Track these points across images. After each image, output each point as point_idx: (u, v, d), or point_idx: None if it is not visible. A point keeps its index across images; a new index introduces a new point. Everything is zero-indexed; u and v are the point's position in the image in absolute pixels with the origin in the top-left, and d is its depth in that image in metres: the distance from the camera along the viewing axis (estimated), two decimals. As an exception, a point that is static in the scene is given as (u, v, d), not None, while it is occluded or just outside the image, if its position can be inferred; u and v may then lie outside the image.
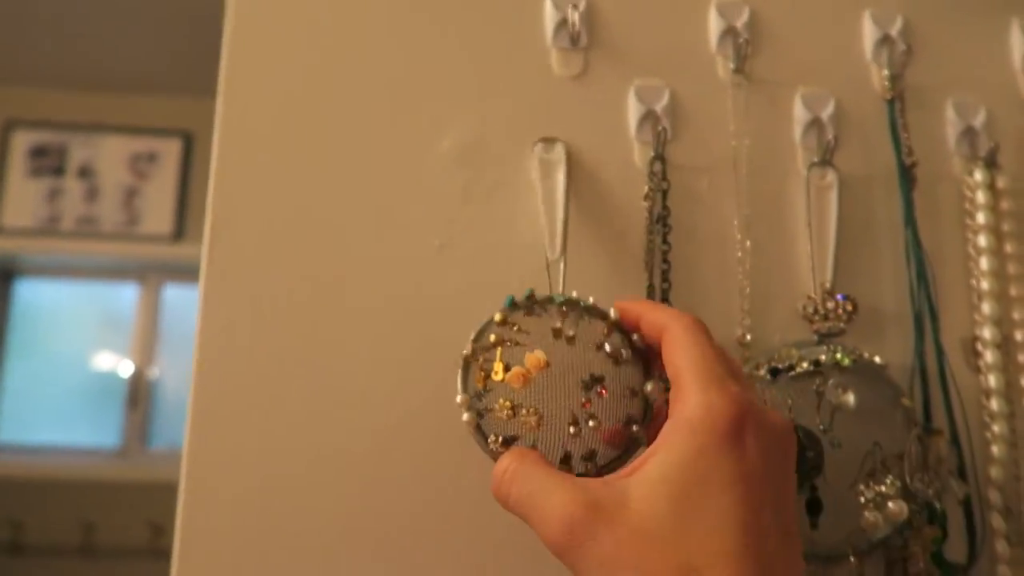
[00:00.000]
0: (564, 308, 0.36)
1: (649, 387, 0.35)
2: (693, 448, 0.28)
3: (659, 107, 0.45)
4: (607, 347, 0.35)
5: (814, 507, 0.38)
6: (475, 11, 0.45)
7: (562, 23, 0.45)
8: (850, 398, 0.39)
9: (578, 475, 0.33)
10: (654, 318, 0.34)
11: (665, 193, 0.44)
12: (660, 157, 0.44)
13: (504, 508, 0.32)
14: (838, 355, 0.41)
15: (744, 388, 0.30)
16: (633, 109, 0.45)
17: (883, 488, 0.37)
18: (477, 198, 0.43)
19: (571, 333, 0.35)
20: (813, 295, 0.43)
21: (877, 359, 0.42)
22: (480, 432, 0.34)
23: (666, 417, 0.30)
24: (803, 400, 0.40)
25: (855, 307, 0.43)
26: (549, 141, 0.43)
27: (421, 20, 0.45)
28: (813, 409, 0.40)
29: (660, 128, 0.43)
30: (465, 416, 0.34)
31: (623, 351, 0.35)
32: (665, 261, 0.43)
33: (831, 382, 0.39)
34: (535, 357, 0.34)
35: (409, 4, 0.45)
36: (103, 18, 1.78)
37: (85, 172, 2.10)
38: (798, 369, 0.40)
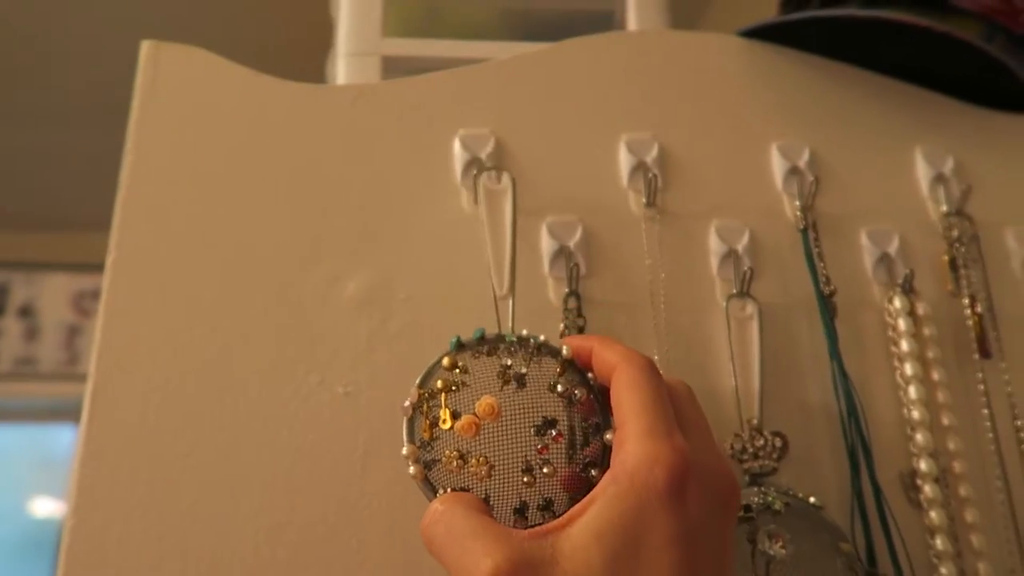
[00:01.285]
0: (513, 347, 0.34)
1: (608, 436, 0.32)
2: (631, 504, 0.26)
3: (572, 243, 0.44)
4: (559, 387, 0.33)
5: None
6: (384, 151, 0.45)
7: (471, 162, 0.44)
8: (783, 547, 0.36)
9: (532, 526, 0.31)
10: (605, 356, 0.32)
11: (582, 330, 0.42)
12: (575, 293, 0.43)
13: (429, 552, 0.29)
14: (769, 498, 0.38)
15: (693, 438, 0.29)
16: (546, 245, 0.44)
17: None
18: (383, 343, 0.41)
19: (522, 371, 0.33)
20: (741, 432, 0.41)
21: (812, 500, 0.40)
22: (429, 485, 0.32)
23: None
24: (735, 550, 0.37)
25: (785, 444, 0.41)
26: (496, 170, 0.43)
27: (328, 160, 0.45)
28: (747, 559, 0.37)
29: (573, 264, 0.42)
30: (412, 469, 0.32)
31: (577, 391, 0.33)
32: (584, 402, 0.41)
33: (763, 530, 0.36)
34: (486, 403, 0.32)
35: (314, 144, 0.45)
36: (42, 157, 1.79)
37: (26, 311, 2.05)
38: (728, 516, 0.37)
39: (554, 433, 0.32)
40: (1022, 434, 0.44)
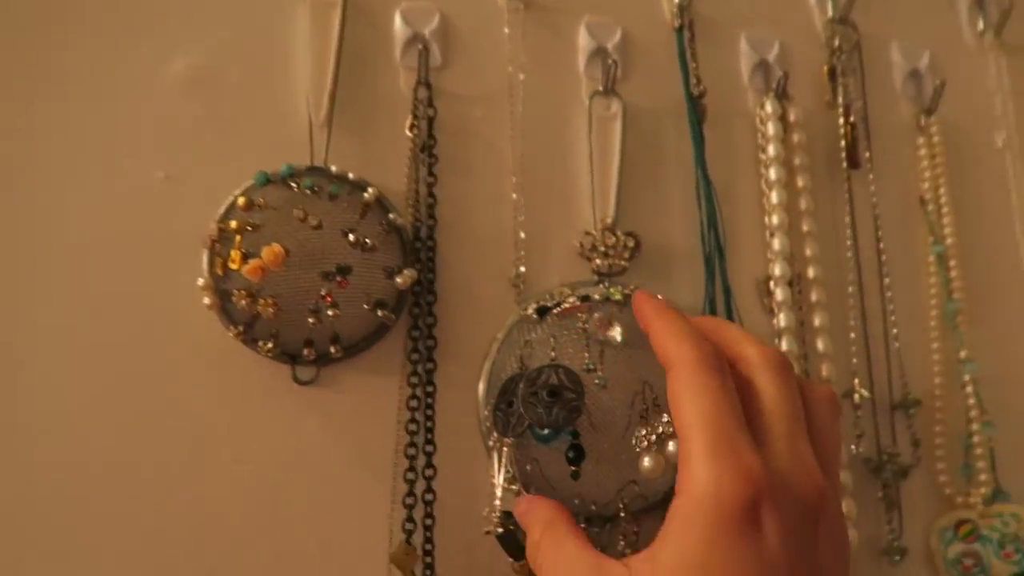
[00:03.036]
0: (317, 186, 0.35)
1: (399, 279, 0.35)
2: (704, 536, 0.24)
3: (427, 30, 0.40)
4: (351, 236, 0.34)
5: (576, 455, 0.34)
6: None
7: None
8: (616, 332, 0.35)
9: (319, 356, 0.35)
10: (665, 345, 0.28)
11: (431, 121, 0.40)
12: (425, 83, 0.40)
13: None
14: (610, 290, 0.37)
15: (776, 439, 0.26)
16: (399, 32, 0.40)
17: (660, 428, 0.34)
18: (211, 128, 0.38)
19: (314, 223, 0.34)
20: (592, 231, 0.40)
21: (660, 298, 0.39)
22: (225, 314, 0.35)
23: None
24: (569, 337, 0.36)
25: (638, 244, 0.40)
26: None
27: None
28: (582, 347, 0.36)
29: (421, 47, 0.39)
30: (206, 300, 0.34)
31: (369, 240, 0.35)
32: (431, 195, 0.39)
33: (596, 315, 0.36)
34: (272, 250, 0.33)
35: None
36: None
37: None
38: (565, 305, 0.36)
39: (339, 279, 0.34)
40: (882, 244, 0.44)
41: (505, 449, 0.35)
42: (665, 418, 0.34)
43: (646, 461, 0.32)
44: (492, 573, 0.37)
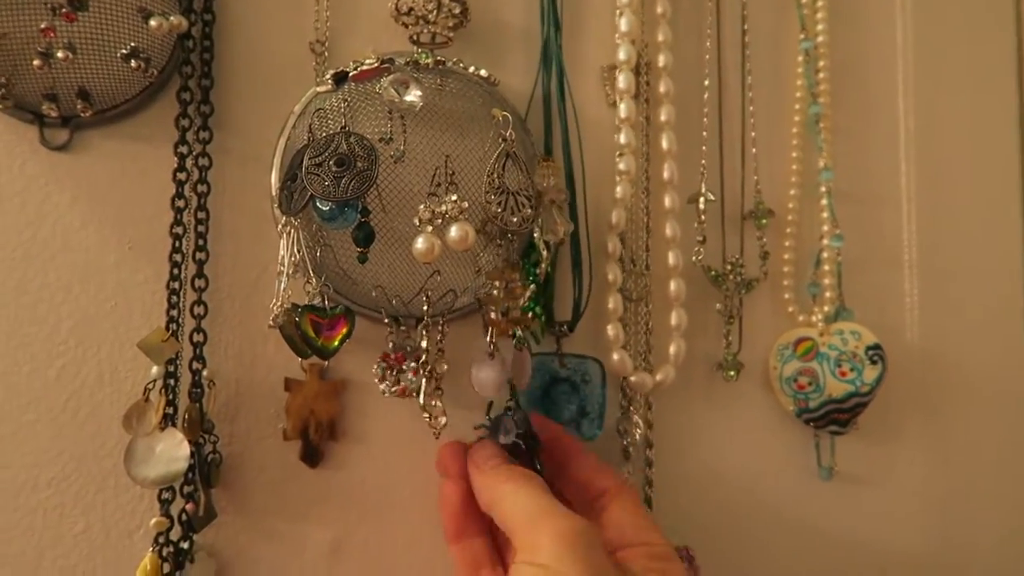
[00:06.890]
0: None
1: (153, 23, 0.30)
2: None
3: None
4: None
5: (364, 235, 0.29)
6: None
7: None
8: (414, 95, 0.30)
9: (68, 116, 0.31)
10: (597, 479, 0.33)
11: None
12: None
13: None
14: (420, 54, 0.32)
15: None
16: None
17: (445, 207, 0.29)
18: None
19: None
20: (409, -9, 0.34)
21: (483, 72, 0.33)
22: None
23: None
24: (368, 106, 0.31)
25: (465, 12, 0.34)
26: None
27: None
28: (382, 117, 0.31)
29: None
30: None
31: None
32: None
33: (390, 78, 0.30)
34: None
35: None
36: None
37: None
38: (363, 68, 0.31)
39: (66, 12, 0.29)
40: (748, 38, 0.39)
41: (294, 232, 0.31)
42: (454, 197, 0.29)
43: (418, 242, 0.28)
44: (273, 367, 0.33)
